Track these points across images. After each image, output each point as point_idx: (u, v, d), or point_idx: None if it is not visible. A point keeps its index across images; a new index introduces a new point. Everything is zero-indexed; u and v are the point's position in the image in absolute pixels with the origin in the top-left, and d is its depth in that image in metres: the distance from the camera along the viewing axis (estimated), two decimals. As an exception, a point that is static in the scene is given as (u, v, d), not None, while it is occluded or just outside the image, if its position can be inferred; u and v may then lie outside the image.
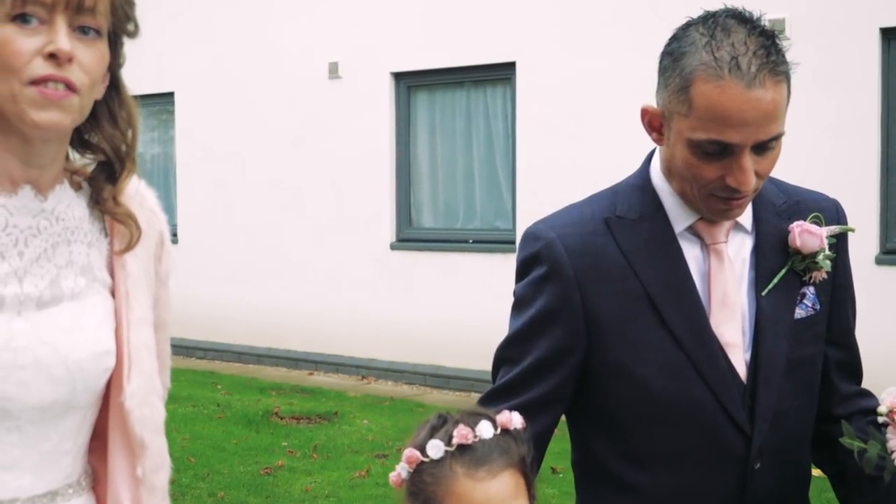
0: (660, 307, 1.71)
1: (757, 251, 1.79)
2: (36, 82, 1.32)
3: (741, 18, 1.73)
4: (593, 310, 1.72)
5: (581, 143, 8.50)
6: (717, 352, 1.72)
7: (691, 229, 1.76)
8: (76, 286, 1.45)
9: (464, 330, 9.17)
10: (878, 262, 7.16)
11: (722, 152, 1.63)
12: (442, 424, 1.59)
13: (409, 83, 9.66)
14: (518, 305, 1.81)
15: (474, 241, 9.29)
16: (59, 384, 1.40)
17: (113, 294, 1.51)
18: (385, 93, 9.71)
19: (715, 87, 1.62)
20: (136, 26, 1.44)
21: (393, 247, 9.68)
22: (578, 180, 8.51)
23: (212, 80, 10.62)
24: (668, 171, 1.75)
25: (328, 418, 7.98)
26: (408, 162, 9.74)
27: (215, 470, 6.45)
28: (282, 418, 7.90)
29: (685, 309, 1.72)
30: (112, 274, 1.52)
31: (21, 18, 1.32)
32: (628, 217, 1.77)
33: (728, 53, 1.64)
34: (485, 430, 1.56)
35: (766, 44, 1.70)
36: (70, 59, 1.33)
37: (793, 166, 8.34)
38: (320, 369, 10.08)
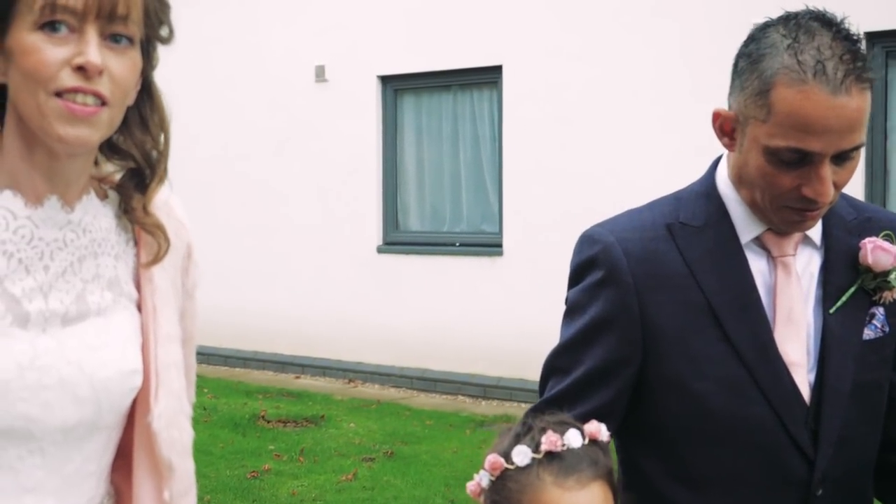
0: (722, 320, 1.62)
1: (825, 267, 1.69)
2: (61, 93, 1.25)
3: (824, 21, 1.65)
4: (651, 319, 1.63)
5: (567, 146, 8.52)
6: (781, 370, 1.63)
7: (758, 240, 1.67)
8: (102, 301, 1.39)
9: (451, 333, 9.17)
10: (863, 264, 7.20)
11: (800, 161, 1.55)
12: (527, 431, 1.53)
13: (396, 86, 9.67)
14: (571, 312, 1.73)
15: (461, 245, 9.29)
16: (83, 404, 1.34)
17: (139, 308, 1.45)
18: (372, 96, 9.71)
19: (798, 92, 1.52)
20: (171, 31, 1.38)
21: (380, 250, 9.68)
22: (565, 184, 8.53)
23: (198, 83, 10.60)
24: (739, 179, 1.66)
25: (315, 422, 7.97)
26: (394, 165, 9.75)
27: (202, 474, 6.41)
28: (268, 422, 7.89)
29: (749, 323, 1.63)
30: (138, 287, 1.46)
31: (50, 26, 1.25)
32: (692, 224, 1.69)
33: (813, 57, 1.55)
34: (573, 438, 1.50)
35: (852, 48, 1.61)
36: (100, 72, 1.26)
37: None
38: (307, 373, 10.06)
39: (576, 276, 1.73)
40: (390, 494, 6.03)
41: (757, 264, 1.67)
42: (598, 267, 1.67)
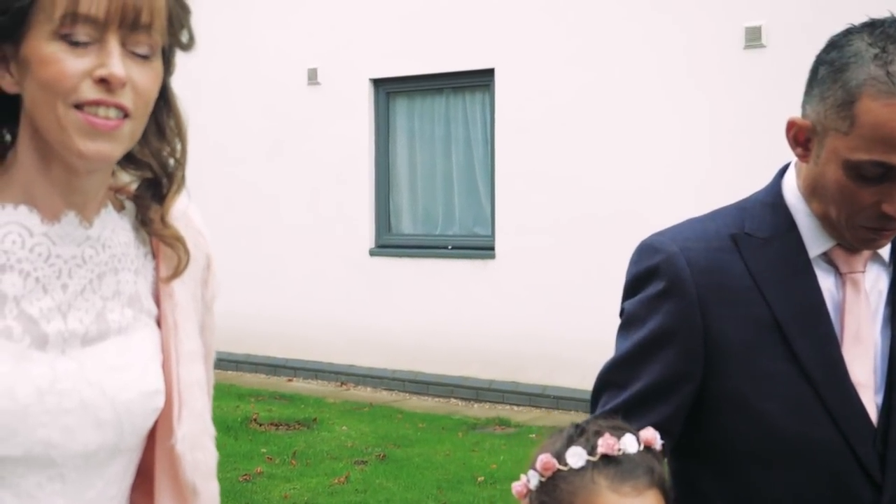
0: (789, 337, 1.55)
1: (895, 285, 1.64)
2: (82, 106, 1.19)
3: None
4: (715, 333, 1.55)
5: (559, 149, 8.54)
6: (850, 390, 1.55)
7: (825, 255, 1.60)
8: (123, 319, 1.33)
9: (443, 336, 9.17)
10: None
11: (882, 176, 1.48)
12: (581, 433, 1.50)
13: (388, 89, 9.67)
14: (628, 324, 1.63)
15: (453, 248, 9.30)
16: (105, 428, 1.29)
17: (158, 323, 1.39)
18: (364, 99, 9.71)
19: (885, 105, 1.45)
20: (192, 37, 1.33)
21: (372, 253, 9.68)
22: (557, 187, 8.55)
23: (191, 85, 10.57)
24: (811, 191, 1.59)
25: (307, 425, 7.97)
26: (387, 168, 9.75)
27: (193, 477, 6.42)
28: (260, 425, 7.88)
29: (817, 341, 1.55)
30: (157, 301, 1.40)
31: (70, 36, 1.19)
32: (758, 235, 1.60)
33: None
34: (630, 443, 1.45)
35: None
36: (123, 84, 1.20)
37: (767, 172, 8.41)
38: (299, 375, 10.06)
39: (634, 287, 1.64)
40: (383, 497, 6.03)
41: (824, 280, 1.59)
42: (660, 277, 1.59)
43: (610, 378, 1.64)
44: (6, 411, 1.20)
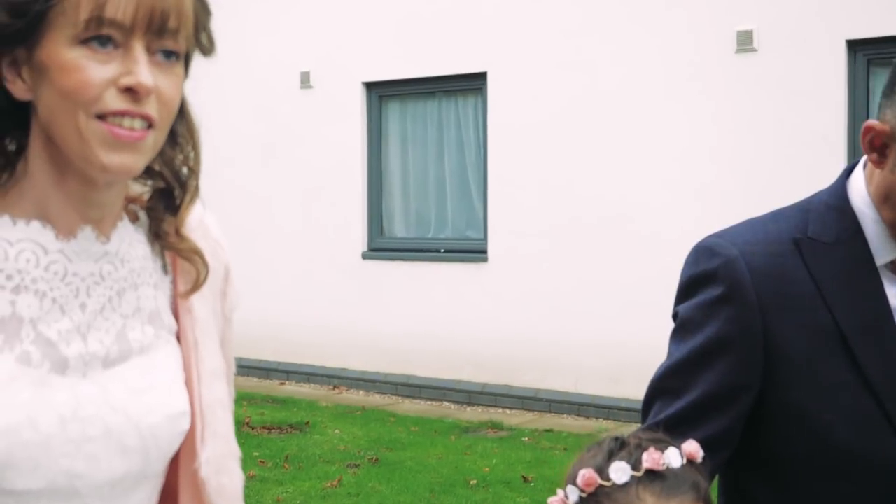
0: (853, 347, 1.47)
1: None
2: (105, 116, 1.12)
3: None
4: (776, 341, 1.48)
5: (552, 153, 8.55)
6: None
7: (893, 264, 1.52)
8: (144, 338, 1.26)
9: (435, 339, 9.18)
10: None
11: None
12: (622, 447, 1.43)
13: (381, 93, 9.68)
14: (683, 329, 1.55)
15: (446, 251, 9.30)
16: (131, 455, 1.21)
17: (178, 339, 1.32)
18: (357, 102, 9.72)
19: None
20: (212, 41, 1.28)
21: (364, 256, 9.68)
22: (549, 190, 8.56)
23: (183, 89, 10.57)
24: (884, 198, 1.51)
25: (300, 428, 7.96)
26: (379, 171, 9.75)
27: (186, 481, 6.41)
28: (253, 428, 7.87)
29: (883, 352, 1.48)
30: (177, 317, 1.32)
31: (95, 41, 1.11)
32: (822, 240, 1.52)
33: None
34: (673, 458, 1.40)
35: None
36: (150, 94, 1.13)
37: (759, 176, 8.50)
38: (292, 379, 10.05)
39: (689, 290, 1.57)
40: (375, 501, 6.03)
41: (890, 290, 1.52)
42: (718, 282, 1.51)
43: (664, 385, 1.56)
44: (28, 443, 1.13)
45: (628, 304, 8.15)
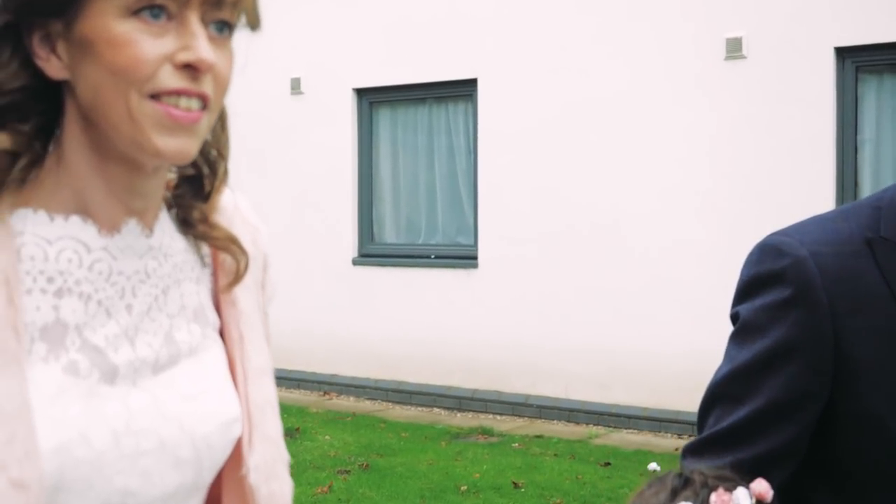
0: None
1: None
2: (159, 95, 1.01)
3: None
4: (846, 347, 1.39)
5: (542, 159, 8.57)
6: None
7: None
8: (192, 338, 1.16)
9: (426, 345, 9.18)
10: (834, 277, 7.27)
11: None
12: (685, 485, 1.32)
13: (371, 99, 9.69)
14: (745, 332, 1.45)
15: (436, 257, 9.31)
16: (184, 467, 1.12)
17: (221, 335, 1.21)
18: (347, 108, 9.72)
19: None
20: (259, 15, 1.18)
21: (355, 262, 9.68)
22: (540, 196, 8.57)
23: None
24: None
25: (290, 434, 7.95)
26: (370, 177, 9.76)
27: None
28: (243, 435, 7.85)
29: None
30: (218, 312, 1.22)
31: (147, 13, 0.99)
32: (895, 240, 1.42)
33: None
34: (742, 498, 1.29)
35: None
36: (210, 71, 1.03)
37: (748, 183, 8.51)
38: (282, 385, 10.03)
39: (751, 290, 1.46)
40: (365, 507, 6.03)
41: None
42: (785, 283, 1.41)
43: (725, 390, 1.46)
44: (81, 461, 1.02)
45: (618, 311, 8.17)
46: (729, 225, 7.68)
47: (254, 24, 1.16)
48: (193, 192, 1.18)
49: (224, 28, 1.07)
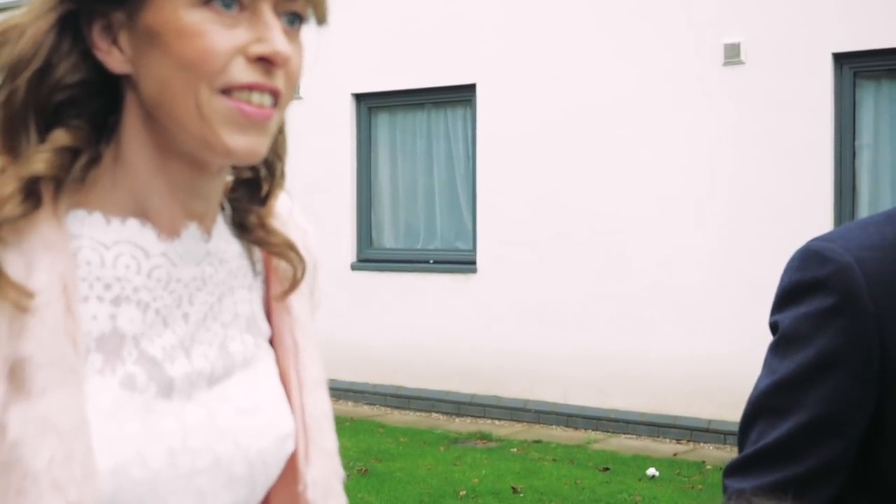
0: None
1: None
2: (229, 91, 0.95)
3: None
4: (894, 356, 1.33)
5: (541, 165, 8.58)
6: None
7: None
8: (246, 348, 1.09)
9: (424, 350, 9.18)
10: (832, 282, 7.27)
11: None
12: None
13: (370, 104, 9.70)
14: (788, 341, 1.39)
15: (435, 262, 9.32)
16: (237, 485, 1.06)
17: (271, 344, 1.15)
18: (346, 114, 9.73)
19: None
20: (327, 9, 1.10)
21: (353, 267, 9.68)
22: (538, 201, 8.58)
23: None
24: None
25: (288, 439, 7.94)
26: (368, 183, 9.77)
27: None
28: (241, 439, 7.86)
29: None
30: (269, 320, 1.15)
31: (219, 1, 0.94)
32: None
33: None
34: None
35: None
36: (285, 64, 0.99)
37: (746, 188, 8.52)
38: (280, 390, 10.03)
39: (793, 297, 1.40)
40: (364, 512, 6.03)
41: None
42: (829, 291, 1.35)
43: (768, 403, 1.39)
44: (138, 482, 0.97)
45: (617, 316, 8.18)
46: (726, 230, 7.69)
47: (322, 18, 1.08)
48: (250, 194, 1.12)
49: (295, 20, 1.02)
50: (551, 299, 8.50)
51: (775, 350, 1.40)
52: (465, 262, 9.10)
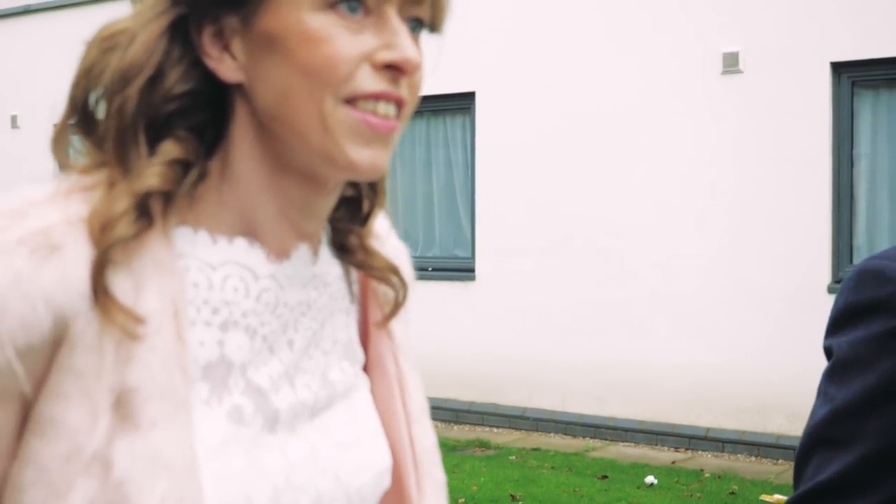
0: None
1: None
2: (354, 100, 0.88)
3: None
4: None
5: (540, 173, 8.59)
6: None
7: None
8: (345, 377, 1.02)
9: (423, 357, 9.06)
10: (831, 290, 7.29)
11: None
12: None
13: (370, 112, 9.70)
14: (846, 367, 1.30)
15: (434, 269, 9.32)
16: None
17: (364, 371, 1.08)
18: (345, 121, 9.74)
19: None
20: (446, 17, 1.04)
21: (352, 274, 9.68)
22: (537, 210, 8.59)
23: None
24: None
25: (287, 447, 7.94)
26: (368, 190, 9.77)
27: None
28: (240, 447, 7.85)
29: None
30: (364, 346, 1.08)
31: (345, 4, 0.87)
32: None
33: None
34: None
35: None
36: (415, 72, 0.94)
37: (744, 197, 8.53)
38: (279, 397, 10.02)
39: (850, 320, 1.31)
40: (362, 519, 6.01)
41: None
42: (890, 312, 1.25)
43: (826, 435, 1.28)
44: None
45: (615, 324, 8.18)
46: (725, 239, 7.70)
47: (438, 25, 1.02)
48: (350, 214, 1.04)
49: (417, 26, 0.96)
50: (550, 307, 8.50)
51: (831, 376, 1.31)
52: (463, 270, 9.10)
